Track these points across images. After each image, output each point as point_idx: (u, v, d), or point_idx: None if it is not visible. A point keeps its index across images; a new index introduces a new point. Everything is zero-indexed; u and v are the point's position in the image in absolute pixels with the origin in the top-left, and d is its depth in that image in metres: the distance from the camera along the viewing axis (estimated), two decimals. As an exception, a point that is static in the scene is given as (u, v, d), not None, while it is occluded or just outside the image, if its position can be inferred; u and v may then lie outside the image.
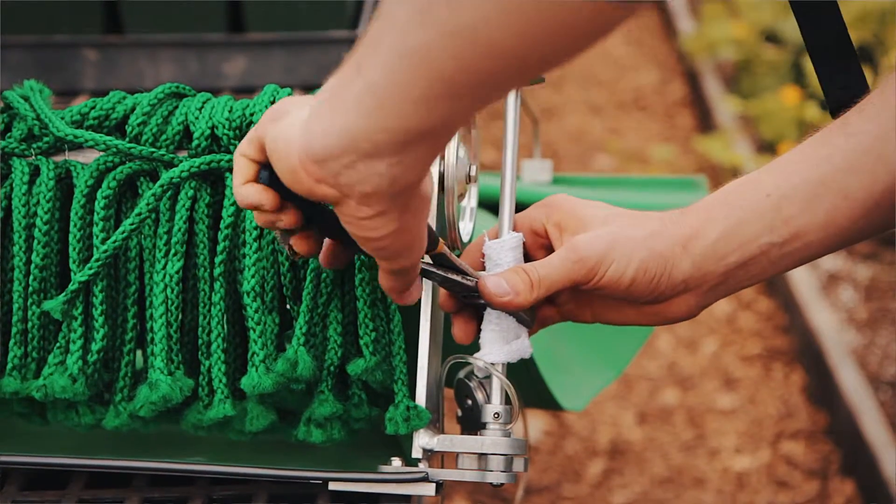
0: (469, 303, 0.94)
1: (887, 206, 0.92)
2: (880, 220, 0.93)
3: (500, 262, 0.93)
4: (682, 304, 0.95)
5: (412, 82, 0.73)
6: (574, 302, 0.98)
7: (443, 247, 0.90)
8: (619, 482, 2.51)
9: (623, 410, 2.69)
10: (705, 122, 3.91)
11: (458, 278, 0.92)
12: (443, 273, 0.91)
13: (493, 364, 0.92)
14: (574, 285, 0.93)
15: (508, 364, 0.94)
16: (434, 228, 0.92)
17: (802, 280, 2.94)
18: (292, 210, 0.85)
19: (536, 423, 2.60)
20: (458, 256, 1.00)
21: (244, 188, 0.85)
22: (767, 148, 3.53)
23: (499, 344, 0.93)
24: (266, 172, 0.84)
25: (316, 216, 0.85)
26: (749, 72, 3.87)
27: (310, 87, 1.02)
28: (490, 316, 0.94)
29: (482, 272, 0.94)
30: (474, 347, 0.94)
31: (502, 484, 0.92)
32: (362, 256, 0.93)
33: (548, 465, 2.55)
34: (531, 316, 0.94)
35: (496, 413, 0.92)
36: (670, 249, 0.93)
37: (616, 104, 4.16)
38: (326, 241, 0.90)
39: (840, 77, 0.98)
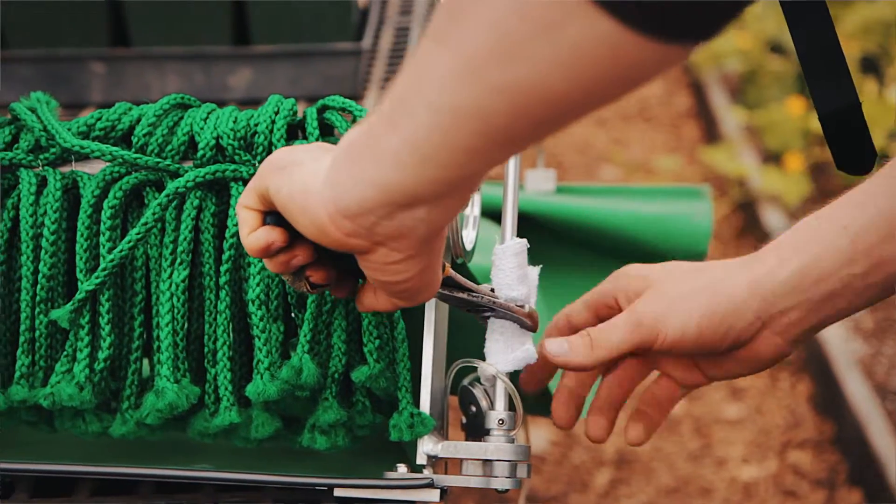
0: (478, 318, 0.95)
1: None
2: None
3: (503, 267, 0.94)
4: (768, 344, 0.96)
5: (461, 137, 0.71)
6: (680, 368, 1.00)
7: (449, 270, 0.91)
8: (625, 492, 2.51)
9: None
10: (711, 132, 3.91)
11: (465, 296, 0.92)
12: (449, 292, 0.92)
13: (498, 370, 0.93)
14: (639, 348, 0.95)
15: (513, 371, 0.94)
16: None
17: (808, 290, 2.93)
18: (305, 244, 0.84)
19: (543, 433, 2.61)
20: (463, 265, 1.01)
21: (252, 236, 0.84)
22: (773, 158, 3.53)
23: (504, 352, 0.94)
24: (272, 217, 0.83)
25: (328, 249, 0.84)
26: (754, 83, 3.88)
27: (314, 99, 1.03)
28: (494, 325, 0.95)
29: (485, 284, 0.94)
30: (479, 354, 0.95)
31: (507, 490, 0.93)
32: None
33: (555, 475, 2.55)
34: (535, 322, 0.94)
35: (500, 419, 0.93)
36: (735, 292, 0.94)
37: (621, 115, 4.17)
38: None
39: (831, 89, 0.99)
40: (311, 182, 0.79)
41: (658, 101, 4.27)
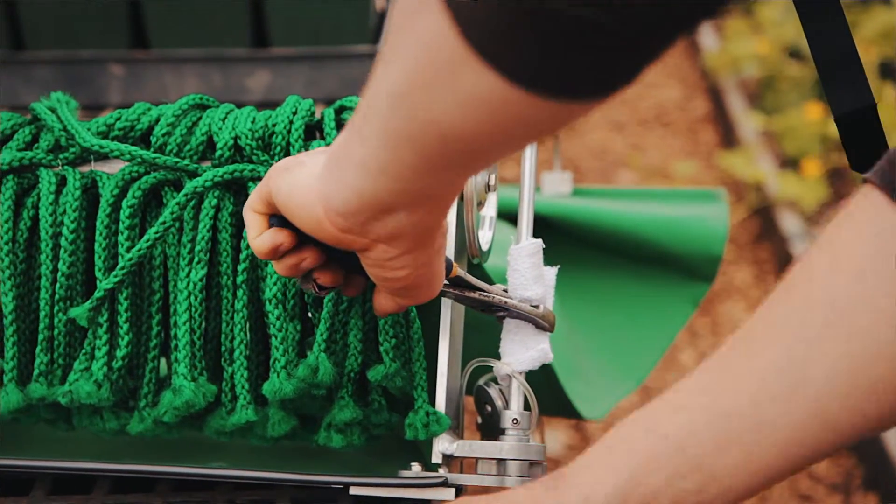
0: (490, 316, 0.95)
1: (818, 430, 0.73)
2: (819, 447, 0.73)
3: (518, 268, 0.94)
4: None
5: (404, 157, 0.73)
6: None
7: (457, 270, 0.92)
8: (641, 496, 2.50)
9: (645, 425, 2.69)
10: (728, 138, 3.91)
11: (476, 295, 0.93)
12: (459, 292, 0.93)
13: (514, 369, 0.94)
14: None
15: (528, 372, 0.95)
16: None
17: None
18: (312, 247, 0.86)
19: (559, 437, 2.60)
20: (479, 266, 1.01)
21: (259, 238, 0.85)
22: (790, 164, 3.53)
23: (519, 352, 0.94)
24: (276, 218, 0.85)
25: (334, 251, 0.85)
26: (772, 88, 3.87)
27: (332, 101, 1.03)
28: (510, 325, 0.95)
29: (498, 285, 0.95)
30: (495, 354, 0.95)
31: None
32: None
33: (570, 478, 2.54)
34: (550, 322, 0.95)
35: (515, 419, 0.93)
36: None
37: (638, 121, 4.17)
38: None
39: (846, 90, 0.99)
40: (308, 179, 0.81)
41: (676, 106, 4.26)
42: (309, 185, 0.80)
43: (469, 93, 0.66)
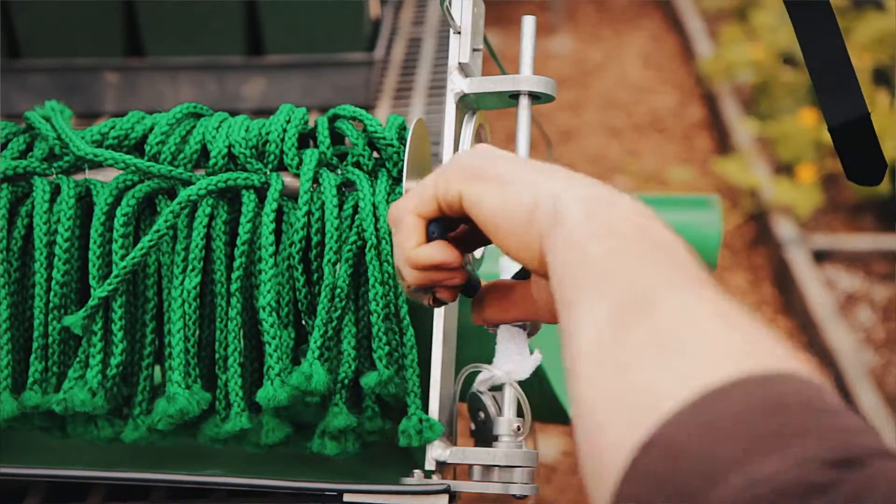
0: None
1: None
2: None
3: (508, 267, 0.95)
4: None
5: None
6: None
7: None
8: (636, 502, 2.50)
9: (641, 431, 2.69)
10: (723, 144, 3.92)
11: None
12: None
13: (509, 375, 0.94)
14: None
15: (522, 380, 0.95)
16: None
17: (820, 300, 2.94)
18: (463, 269, 0.84)
19: (554, 443, 2.61)
20: (473, 271, 1.01)
21: (422, 251, 0.82)
22: (785, 169, 3.54)
23: (513, 359, 0.95)
24: (437, 226, 0.82)
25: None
26: (767, 94, 3.88)
27: (327, 108, 1.04)
28: (503, 332, 0.95)
29: None
30: (487, 362, 0.96)
31: (525, 496, 0.93)
32: (388, 270, 0.94)
33: (566, 484, 2.55)
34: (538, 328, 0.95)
35: (509, 425, 0.94)
36: None
37: (634, 127, 4.17)
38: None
39: (840, 100, 0.99)
40: (528, 205, 0.75)
41: (671, 113, 4.27)
42: (527, 208, 0.75)
43: None
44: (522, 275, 0.91)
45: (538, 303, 0.88)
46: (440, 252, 0.81)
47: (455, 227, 0.85)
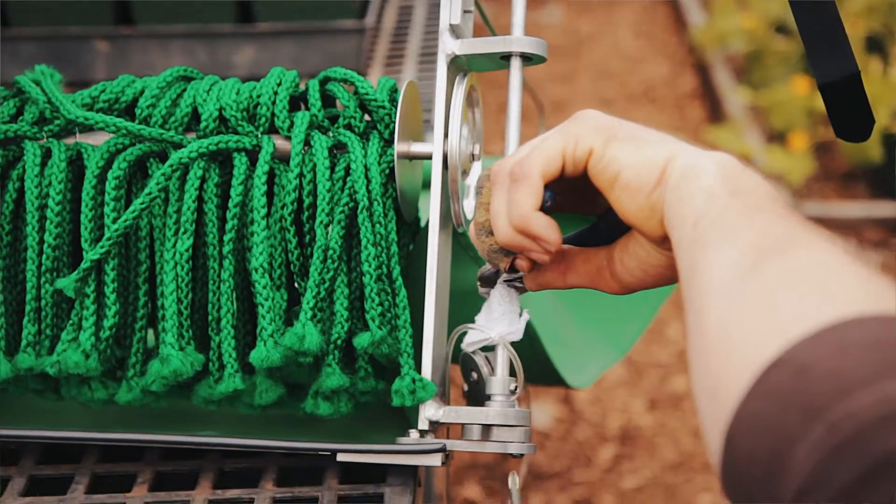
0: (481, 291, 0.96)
1: None
2: None
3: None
4: None
5: None
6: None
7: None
8: (629, 467, 2.52)
9: (634, 397, 2.70)
10: (716, 113, 3.92)
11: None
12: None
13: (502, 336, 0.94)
14: None
15: (514, 342, 0.95)
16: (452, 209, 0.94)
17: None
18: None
19: (548, 410, 2.62)
20: (463, 234, 1.02)
21: (540, 219, 0.82)
22: (777, 138, 3.54)
23: (509, 321, 0.95)
24: (552, 194, 0.82)
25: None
26: (759, 63, 3.88)
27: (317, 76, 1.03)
28: (497, 294, 0.95)
29: None
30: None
31: (521, 455, 0.93)
32: (380, 232, 0.95)
33: (559, 451, 2.56)
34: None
35: (502, 384, 0.94)
36: None
37: (627, 97, 4.17)
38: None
39: (830, 59, 0.99)
40: (662, 164, 0.78)
41: (663, 82, 4.27)
42: (661, 167, 0.78)
43: None
44: (578, 240, 0.91)
45: (592, 269, 0.89)
46: (553, 230, 0.83)
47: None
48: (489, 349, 0.95)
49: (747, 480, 0.58)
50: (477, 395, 0.96)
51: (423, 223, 1.02)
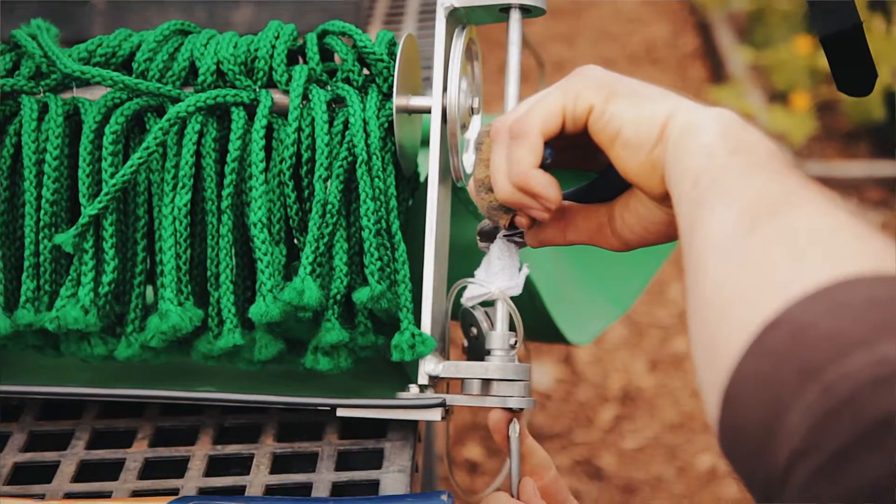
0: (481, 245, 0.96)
1: None
2: None
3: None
4: None
5: None
6: None
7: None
8: (630, 427, 2.53)
9: (635, 358, 2.71)
10: (717, 73, 3.90)
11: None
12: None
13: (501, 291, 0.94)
14: None
15: (514, 297, 0.95)
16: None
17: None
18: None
19: (549, 371, 2.62)
20: (462, 189, 1.01)
21: (540, 176, 0.82)
22: (779, 97, 3.52)
23: (509, 276, 0.94)
24: (551, 152, 0.81)
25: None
26: (762, 22, 3.86)
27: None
28: (497, 249, 0.95)
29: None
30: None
31: (521, 409, 0.93)
32: (379, 186, 0.94)
33: (560, 411, 2.57)
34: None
35: (502, 339, 0.94)
36: None
37: (628, 57, 4.15)
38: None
39: (832, 10, 0.98)
40: (662, 120, 0.78)
41: (664, 43, 4.25)
42: (661, 124, 0.77)
43: None
44: (578, 197, 0.91)
45: (593, 226, 0.89)
46: (553, 187, 0.82)
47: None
48: (489, 304, 0.95)
49: (744, 441, 0.58)
50: (477, 351, 0.95)
51: (422, 178, 1.02)
